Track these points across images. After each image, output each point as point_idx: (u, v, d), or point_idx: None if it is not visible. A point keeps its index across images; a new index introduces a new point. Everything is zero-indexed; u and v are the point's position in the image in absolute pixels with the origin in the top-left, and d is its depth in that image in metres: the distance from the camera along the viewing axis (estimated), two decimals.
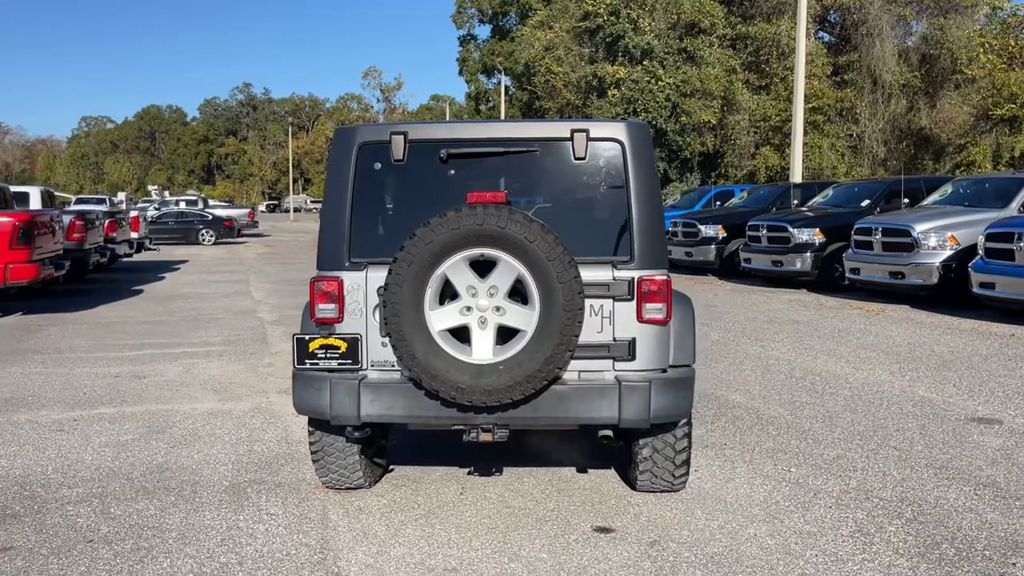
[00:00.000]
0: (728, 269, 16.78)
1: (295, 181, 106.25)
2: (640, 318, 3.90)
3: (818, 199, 16.38)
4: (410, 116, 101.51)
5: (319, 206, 71.53)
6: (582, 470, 4.87)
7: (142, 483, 4.71)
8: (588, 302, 3.86)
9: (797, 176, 24.49)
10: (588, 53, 35.82)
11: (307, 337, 3.98)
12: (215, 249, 29.52)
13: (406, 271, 3.67)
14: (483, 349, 3.73)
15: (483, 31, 59.67)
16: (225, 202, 60.57)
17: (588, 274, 3.84)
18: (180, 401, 6.65)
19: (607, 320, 3.91)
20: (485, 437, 3.92)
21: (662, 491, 4.43)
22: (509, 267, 3.67)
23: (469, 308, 3.74)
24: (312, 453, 4.37)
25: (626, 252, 3.92)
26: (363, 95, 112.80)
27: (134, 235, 19.22)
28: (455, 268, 3.69)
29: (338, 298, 3.97)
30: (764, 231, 15.08)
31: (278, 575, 3.54)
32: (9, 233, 10.92)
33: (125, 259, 19.30)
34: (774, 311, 11.82)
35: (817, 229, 14.28)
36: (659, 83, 32.37)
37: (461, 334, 3.77)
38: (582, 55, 36.04)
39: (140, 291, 14.97)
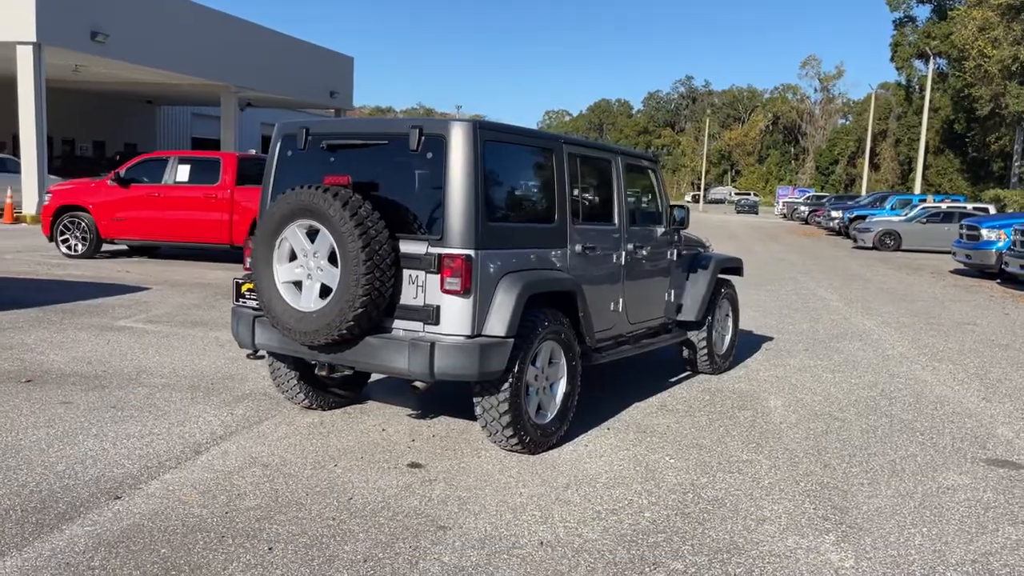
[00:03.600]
0: None
1: (725, 173, 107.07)
2: (441, 288, 4.53)
3: None
4: (853, 107, 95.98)
5: (741, 197, 71.56)
6: None
7: (198, 382, 6.42)
8: (408, 271, 4.63)
9: None
10: (1016, 33, 31.20)
11: (240, 281, 5.30)
12: None
13: (260, 234, 4.79)
14: (307, 300, 4.70)
15: (922, 12, 54.46)
16: None
17: (411, 247, 4.62)
18: None
19: (421, 288, 4.60)
20: (321, 372, 4.93)
21: (511, 450, 4.92)
22: (325, 236, 4.58)
23: (303, 267, 4.73)
24: (270, 374, 5.69)
25: (439, 232, 4.56)
26: (799, 85, 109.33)
27: None
28: (292, 234, 4.71)
29: None
30: None
31: (167, 443, 4.91)
32: None
33: None
34: None
35: None
36: None
37: (300, 286, 4.79)
38: (1010, 36, 31.49)
39: None
